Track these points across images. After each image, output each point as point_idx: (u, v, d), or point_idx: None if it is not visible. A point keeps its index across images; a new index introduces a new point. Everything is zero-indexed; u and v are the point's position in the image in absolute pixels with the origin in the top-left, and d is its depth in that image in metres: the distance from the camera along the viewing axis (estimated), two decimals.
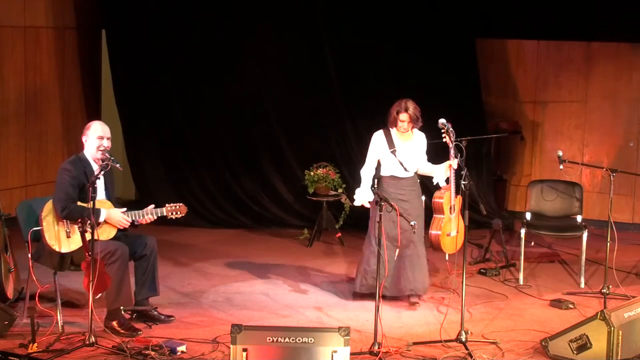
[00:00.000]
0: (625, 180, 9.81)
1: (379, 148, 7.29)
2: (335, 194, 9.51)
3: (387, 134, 7.27)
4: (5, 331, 6.33)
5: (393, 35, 9.99)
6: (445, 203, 7.24)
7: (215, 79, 10.09)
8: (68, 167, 6.47)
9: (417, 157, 7.33)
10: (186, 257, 8.74)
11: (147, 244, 6.66)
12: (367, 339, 6.39)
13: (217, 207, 10.20)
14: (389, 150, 7.21)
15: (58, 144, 10.15)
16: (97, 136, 6.51)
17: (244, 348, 5.58)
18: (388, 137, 7.25)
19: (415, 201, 7.32)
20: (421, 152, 7.37)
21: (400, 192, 7.22)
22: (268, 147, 10.23)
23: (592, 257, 8.58)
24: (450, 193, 7.16)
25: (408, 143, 7.28)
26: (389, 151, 7.22)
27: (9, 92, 9.59)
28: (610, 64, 10.23)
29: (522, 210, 9.32)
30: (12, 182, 9.62)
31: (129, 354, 5.97)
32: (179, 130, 10.24)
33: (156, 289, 6.76)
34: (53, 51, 10.04)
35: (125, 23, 10.13)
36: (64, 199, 6.34)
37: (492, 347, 6.39)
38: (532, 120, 10.62)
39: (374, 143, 7.32)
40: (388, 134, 7.26)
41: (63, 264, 6.48)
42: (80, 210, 6.29)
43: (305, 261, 8.74)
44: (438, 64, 10.01)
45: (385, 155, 7.26)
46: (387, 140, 7.25)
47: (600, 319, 5.96)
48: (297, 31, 10.01)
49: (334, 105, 10.09)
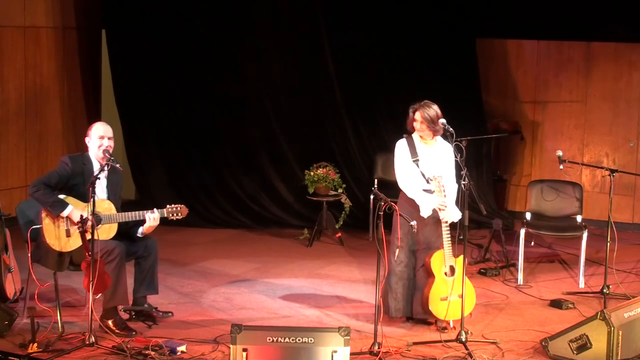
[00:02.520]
0: (625, 180, 9.82)
1: (404, 158, 6.74)
2: (335, 194, 9.50)
3: (409, 142, 6.77)
4: (5, 331, 6.33)
5: (393, 35, 10.00)
6: (434, 264, 6.61)
7: (215, 78, 10.09)
8: (67, 161, 6.52)
9: (441, 169, 6.72)
10: (186, 257, 8.74)
11: (147, 245, 6.67)
12: (367, 339, 6.39)
13: (217, 207, 10.20)
14: (412, 159, 6.71)
15: (58, 144, 10.15)
16: (98, 136, 6.53)
17: (244, 348, 5.58)
18: (411, 145, 6.75)
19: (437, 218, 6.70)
20: (444, 164, 6.75)
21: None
22: (268, 147, 10.23)
23: (592, 257, 8.59)
24: (442, 252, 6.62)
25: (431, 151, 6.77)
26: (411, 160, 6.71)
27: (9, 92, 9.59)
28: (610, 64, 10.23)
29: (522, 210, 9.34)
30: (12, 182, 9.62)
31: (129, 354, 5.97)
32: (179, 131, 10.24)
33: (155, 288, 6.77)
34: (53, 51, 10.04)
35: (125, 23, 10.12)
36: (41, 181, 6.41)
37: (492, 347, 6.39)
38: (532, 120, 10.62)
39: (397, 152, 6.77)
40: (410, 142, 6.77)
41: (62, 263, 6.48)
42: (49, 195, 6.33)
43: (305, 261, 8.74)
44: (438, 64, 10.01)
45: (409, 166, 6.73)
46: (409, 150, 6.74)
47: (600, 319, 5.95)
48: (297, 31, 10.02)
49: (334, 105, 10.10)
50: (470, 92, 10.26)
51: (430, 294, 6.62)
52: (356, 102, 10.12)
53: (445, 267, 6.65)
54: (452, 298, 6.63)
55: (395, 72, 10.02)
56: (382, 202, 6.18)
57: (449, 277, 6.65)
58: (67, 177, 6.46)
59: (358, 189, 10.03)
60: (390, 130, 9.54)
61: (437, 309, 6.63)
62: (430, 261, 6.64)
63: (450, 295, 6.62)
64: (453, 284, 6.62)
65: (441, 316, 6.65)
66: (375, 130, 10.17)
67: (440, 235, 6.66)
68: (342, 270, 8.45)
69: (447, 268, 6.65)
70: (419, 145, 6.78)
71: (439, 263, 6.63)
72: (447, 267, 6.65)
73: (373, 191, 6.66)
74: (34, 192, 6.38)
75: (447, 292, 6.62)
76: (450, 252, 6.64)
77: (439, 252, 6.64)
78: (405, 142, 6.78)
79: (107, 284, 6.21)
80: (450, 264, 6.65)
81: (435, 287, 6.62)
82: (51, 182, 6.42)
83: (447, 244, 6.61)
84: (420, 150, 6.76)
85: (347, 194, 9.59)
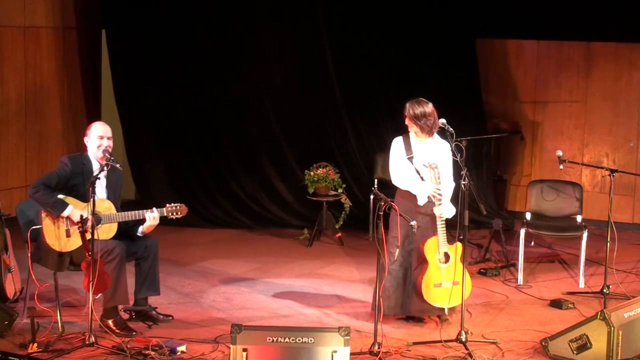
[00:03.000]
0: (625, 180, 9.82)
1: (398, 155, 6.78)
2: (335, 194, 9.50)
3: (405, 139, 6.78)
4: (5, 331, 6.33)
5: (393, 35, 10.00)
6: (427, 250, 6.63)
7: (215, 78, 10.09)
8: (66, 161, 6.52)
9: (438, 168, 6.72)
10: (186, 257, 8.74)
11: (147, 245, 6.67)
12: (367, 339, 6.39)
13: (217, 207, 10.20)
14: (406, 157, 6.73)
15: (58, 144, 10.15)
16: (97, 136, 6.53)
17: (244, 348, 5.58)
18: (406, 143, 6.76)
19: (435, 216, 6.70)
20: (441, 163, 6.73)
21: (418, 205, 6.71)
22: (268, 147, 10.23)
23: (592, 257, 8.59)
24: (436, 238, 6.62)
25: (427, 149, 6.77)
26: (405, 158, 6.73)
27: (9, 92, 9.59)
28: (610, 64, 10.23)
29: (522, 210, 9.34)
30: (12, 182, 9.62)
31: (129, 354, 5.97)
32: (179, 131, 10.24)
33: (157, 289, 6.77)
34: (53, 51, 10.04)
35: (125, 23, 10.12)
36: (41, 182, 6.41)
37: (492, 347, 6.39)
38: (532, 120, 10.62)
39: (392, 149, 6.81)
40: (407, 140, 6.77)
41: (62, 263, 6.48)
42: (48, 196, 6.34)
43: (305, 261, 8.74)
44: (438, 64, 10.01)
45: (403, 163, 6.76)
46: (404, 147, 6.75)
47: (600, 319, 5.95)
48: (297, 31, 10.02)
49: (334, 105, 10.10)
50: (470, 92, 10.26)
51: (424, 280, 6.63)
52: (356, 102, 10.12)
53: (439, 253, 6.65)
54: (447, 284, 6.62)
55: (395, 72, 10.02)
56: (382, 202, 6.18)
57: (442, 263, 6.65)
58: (66, 177, 6.46)
59: (358, 189, 10.03)
60: (390, 130, 9.51)
61: (430, 295, 6.64)
62: (423, 247, 6.64)
63: (445, 282, 6.62)
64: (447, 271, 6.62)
65: (435, 303, 6.65)
66: (375, 130, 10.17)
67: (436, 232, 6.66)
68: (342, 270, 8.45)
69: (441, 255, 6.66)
70: (414, 143, 6.78)
71: (432, 249, 6.64)
72: (441, 253, 6.65)
73: (373, 191, 6.66)
74: (34, 193, 6.38)
75: (440, 279, 6.62)
76: (445, 240, 6.64)
77: (432, 239, 6.64)
78: (401, 139, 6.81)
79: (107, 284, 6.21)
80: (445, 250, 6.65)
81: (428, 273, 6.63)
82: (51, 182, 6.42)
83: (441, 231, 6.62)
84: (416, 148, 6.75)
85: (347, 194, 9.59)
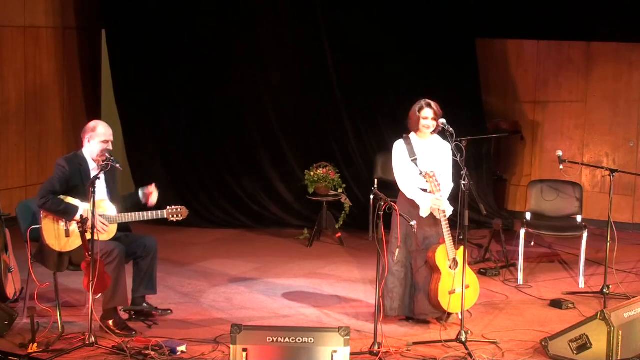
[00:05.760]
0: (625, 180, 9.82)
1: (402, 158, 6.74)
2: (335, 194, 9.50)
3: (407, 142, 6.76)
4: (5, 331, 6.33)
5: (393, 35, 10.00)
6: (439, 259, 6.63)
7: (215, 78, 10.09)
8: (63, 163, 6.50)
9: (438, 167, 6.72)
10: (186, 257, 8.74)
11: (146, 245, 6.67)
12: (367, 339, 6.39)
13: (217, 207, 10.20)
14: (410, 159, 6.68)
15: (58, 144, 10.15)
16: (102, 140, 6.52)
17: (244, 348, 5.59)
18: (408, 145, 6.74)
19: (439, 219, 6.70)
20: (442, 163, 6.77)
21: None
22: (268, 147, 10.23)
23: (592, 257, 8.59)
24: (445, 246, 6.63)
25: (429, 149, 6.76)
26: (409, 160, 6.69)
27: (9, 92, 9.59)
28: (610, 64, 10.23)
29: (522, 210, 9.34)
30: (12, 182, 9.62)
31: (129, 354, 5.97)
32: (179, 131, 10.24)
33: (154, 288, 6.78)
34: (53, 51, 10.04)
35: (125, 23, 10.12)
36: (47, 190, 6.39)
37: (492, 347, 6.39)
38: (532, 120, 10.62)
39: (395, 153, 6.76)
40: (408, 142, 6.75)
41: (62, 263, 6.48)
42: (58, 203, 6.34)
43: (305, 261, 8.74)
44: (438, 64, 10.01)
45: (407, 166, 6.71)
46: (407, 149, 6.72)
47: (600, 319, 5.96)
48: (297, 31, 10.02)
49: (334, 105, 10.10)
50: (470, 92, 10.25)
51: (440, 289, 6.64)
52: (356, 102, 10.11)
53: (449, 260, 6.67)
54: (459, 290, 6.61)
55: (395, 72, 10.02)
56: (382, 202, 6.18)
57: (452, 269, 6.67)
58: (66, 179, 6.45)
59: (358, 189, 10.03)
60: (390, 130, 9.53)
61: (447, 303, 6.63)
62: (434, 256, 6.64)
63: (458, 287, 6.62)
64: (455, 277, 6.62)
65: (453, 310, 6.68)
66: (375, 130, 10.17)
67: (439, 234, 6.67)
68: (342, 270, 8.45)
69: (450, 261, 6.68)
70: (416, 144, 6.77)
71: (443, 258, 6.65)
72: (450, 260, 6.68)
73: (373, 191, 6.68)
74: (44, 203, 6.35)
75: (453, 285, 6.65)
76: (452, 245, 6.66)
77: (441, 247, 6.65)
78: (403, 142, 6.78)
79: (107, 284, 6.22)
80: (453, 256, 6.68)
81: (442, 281, 6.64)
82: (55, 188, 6.40)
83: (447, 237, 6.63)
84: (418, 149, 6.75)
85: (347, 194, 9.59)
